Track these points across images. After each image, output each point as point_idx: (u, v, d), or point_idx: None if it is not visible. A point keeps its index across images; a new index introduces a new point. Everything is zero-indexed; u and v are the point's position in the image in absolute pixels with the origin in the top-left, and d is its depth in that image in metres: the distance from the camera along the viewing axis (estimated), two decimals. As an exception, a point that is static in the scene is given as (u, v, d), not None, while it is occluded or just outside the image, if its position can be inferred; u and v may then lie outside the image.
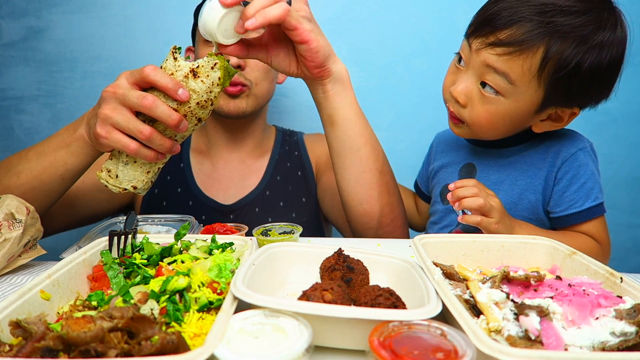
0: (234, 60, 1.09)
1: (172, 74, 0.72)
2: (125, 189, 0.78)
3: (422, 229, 1.24)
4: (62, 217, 1.10)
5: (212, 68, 0.72)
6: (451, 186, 0.84)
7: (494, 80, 0.85)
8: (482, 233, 0.84)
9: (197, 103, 0.73)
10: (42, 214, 0.86)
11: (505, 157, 1.00)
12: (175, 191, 1.25)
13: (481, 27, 0.87)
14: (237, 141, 1.29)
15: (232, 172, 1.29)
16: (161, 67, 0.73)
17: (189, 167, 1.28)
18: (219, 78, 0.73)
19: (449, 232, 1.04)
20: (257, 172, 1.30)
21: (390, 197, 0.99)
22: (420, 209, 1.23)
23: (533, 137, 0.99)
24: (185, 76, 0.72)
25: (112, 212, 1.25)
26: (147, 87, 0.73)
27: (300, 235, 0.87)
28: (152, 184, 0.82)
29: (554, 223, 0.98)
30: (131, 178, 0.78)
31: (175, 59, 0.73)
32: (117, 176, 0.78)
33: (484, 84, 0.87)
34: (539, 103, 0.87)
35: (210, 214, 1.21)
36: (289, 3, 0.80)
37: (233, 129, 1.27)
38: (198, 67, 0.72)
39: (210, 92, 0.73)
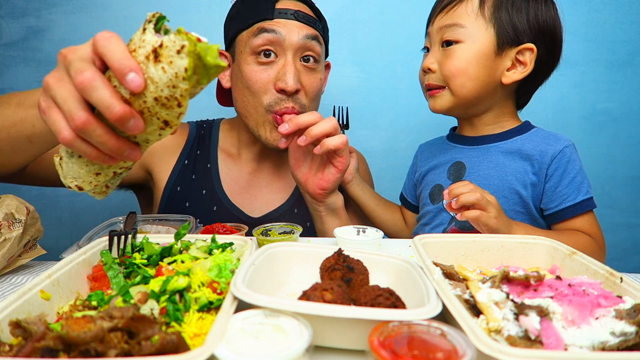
0: (291, 83, 1.01)
1: (134, 50, 0.51)
2: (69, 187, 0.61)
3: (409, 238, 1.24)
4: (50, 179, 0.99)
5: (178, 52, 0.49)
6: (445, 191, 0.85)
7: (450, 33, 0.99)
8: (475, 231, 0.84)
9: (155, 99, 0.51)
10: (11, 172, 0.81)
11: (493, 154, 1.03)
12: (199, 193, 1.17)
13: (431, 12, 1.05)
14: (272, 152, 1.19)
15: (261, 182, 1.21)
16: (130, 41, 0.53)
17: (217, 169, 1.19)
18: (185, 69, 0.49)
19: (443, 231, 1.05)
20: (287, 187, 1.22)
21: None
22: (407, 221, 1.24)
23: (520, 132, 1.03)
24: (146, 56, 0.50)
25: (126, 184, 1.20)
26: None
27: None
28: (107, 189, 0.63)
29: (549, 220, 0.99)
30: (75, 175, 0.60)
31: (144, 29, 0.51)
32: (62, 167, 0.61)
33: (447, 44, 0.99)
34: (495, 42, 0.97)
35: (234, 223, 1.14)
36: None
37: None
38: (161, 46, 0.50)
39: (174, 87, 0.50)
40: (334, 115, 1.17)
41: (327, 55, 1.20)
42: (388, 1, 1.54)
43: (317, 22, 1.09)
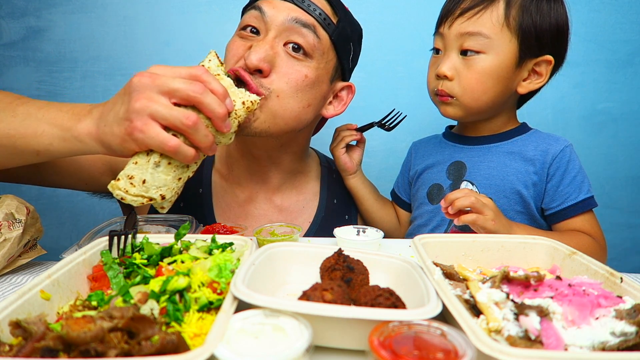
0: (252, 58, 0.87)
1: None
2: (151, 199, 0.68)
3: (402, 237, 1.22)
4: (22, 172, 0.94)
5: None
6: (442, 201, 0.84)
7: (472, 42, 0.94)
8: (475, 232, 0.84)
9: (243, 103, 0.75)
10: None
11: (494, 155, 1.03)
12: None
13: (446, 12, 0.99)
14: (261, 168, 1.06)
15: (258, 211, 1.06)
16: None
17: (209, 195, 1.04)
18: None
19: (444, 232, 1.04)
20: (300, 223, 1.07)
21: None
22: (400, 219, 1.21)
23: (519, 133, 1.03)
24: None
25: (89, 190, 1.11)
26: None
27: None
28: (177, 196, 0.73)
29: (550, 220, 1.00)
30: (161, 184, 0.68)
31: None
32: (144, 181, 0.67)
33: (464, 53, 0.96)
34: (517, 54, 0.95)
35: None
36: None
37: (253, 148, 1.03)
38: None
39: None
40: (388, 114, 1.12)
41: (347, 72, 1.06)
42: (388, 1, 1.54)
43: (322, 14, 0.94)
